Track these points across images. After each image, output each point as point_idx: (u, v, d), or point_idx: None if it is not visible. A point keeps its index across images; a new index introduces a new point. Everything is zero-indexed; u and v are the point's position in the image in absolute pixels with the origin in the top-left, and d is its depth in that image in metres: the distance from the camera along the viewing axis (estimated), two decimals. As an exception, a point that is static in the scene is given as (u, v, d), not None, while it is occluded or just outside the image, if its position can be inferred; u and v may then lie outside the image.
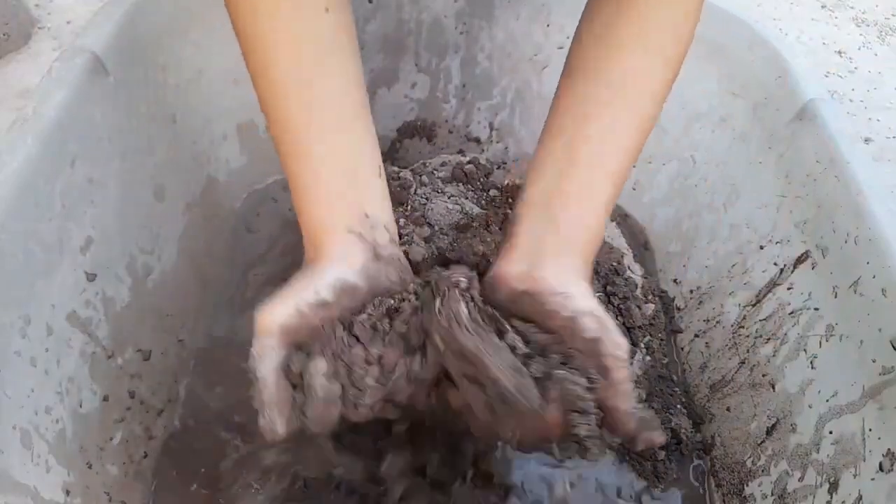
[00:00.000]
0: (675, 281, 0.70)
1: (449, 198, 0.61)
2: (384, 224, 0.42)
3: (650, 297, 0.60)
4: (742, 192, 0.63)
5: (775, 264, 0.57)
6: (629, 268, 0.60)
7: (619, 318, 0.57)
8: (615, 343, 0.38)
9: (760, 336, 0.57)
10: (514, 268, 0.41)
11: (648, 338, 0.58)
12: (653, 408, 0.60)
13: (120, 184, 0.52)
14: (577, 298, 0.39)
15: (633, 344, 0.57)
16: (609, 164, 0.42)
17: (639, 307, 0.58)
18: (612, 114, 0.43)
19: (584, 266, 0.41)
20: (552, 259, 0.40)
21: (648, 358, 0.58)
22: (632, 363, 0.56)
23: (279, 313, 0.38)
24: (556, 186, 0.42)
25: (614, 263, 0.59)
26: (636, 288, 0.59)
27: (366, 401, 0.40)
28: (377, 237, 0.41)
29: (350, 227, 0.41)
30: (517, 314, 0.41)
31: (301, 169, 0.41)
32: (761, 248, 0.59)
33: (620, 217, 0.76)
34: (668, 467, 0.58)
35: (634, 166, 0.46)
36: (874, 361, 0.45)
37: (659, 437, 0.41)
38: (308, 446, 0.45)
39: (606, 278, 0.58)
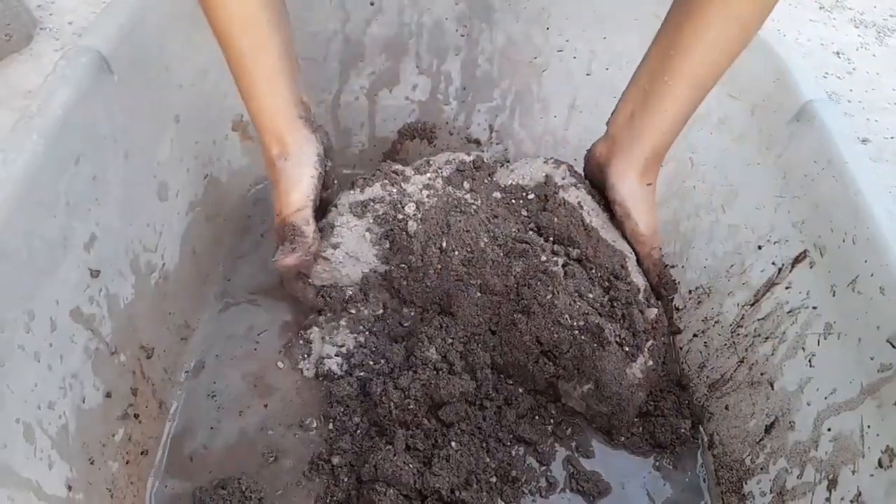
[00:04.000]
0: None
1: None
2: (309, 105, 0.60)
3: (652, 300, 0.60)
4: (740, 192, 0.64)
5: (773, 264, 0.58)
6: (632, 271, 0.60)
7: (622, 322, 0.57)
8: (630, 224, 0.61)
9: (759, 335, 0.57)
10: (599, 148, 0.62)
11: (652, 342, 0.58)
12: (654, 407, 0.60)
13: (123, 182, 0.52)
14: (619, 189, 0.60)
15: (637, 349, 0.57)
16: (693, 77, 0.54)
17: (641, 311, 0.58)
18: (711, 27, 0.51)
19: (645, 165, 0.59)
20: (622, 156, 0.59)
21: (651, 362, 0.58)
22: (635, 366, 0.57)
23: (306, 190, 0.57)
24: (643, 97, 0.57)
25: (617, 267, 0.59)
26: (639, 292, 0.59)
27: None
28: (311, 114, 0.60)
29: (299, 115, 0.58)
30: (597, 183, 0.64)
31: (256, 83, 0.54)
32: (759, 247, 0.60)
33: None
34: (666, 466, 0.58)
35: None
36: (872, 359, 0.45)
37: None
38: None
39: (609, 282, 0.58)
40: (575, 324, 0.55)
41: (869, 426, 0.44)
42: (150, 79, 0.57)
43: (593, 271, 0.59)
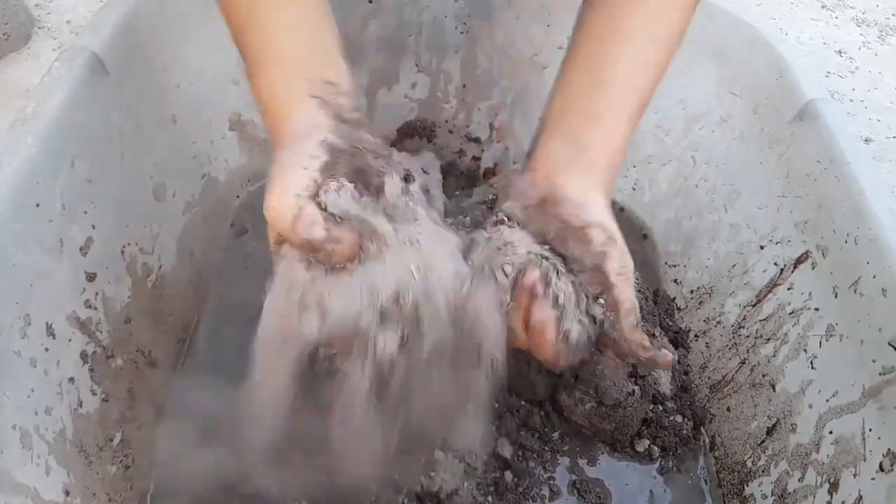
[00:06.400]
0: (675, 281, 0.70)
1: None
2: (346, 92, 0.41)
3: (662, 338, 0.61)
4: (742, 192, 0.63)
5: (775, 264, 0.57)
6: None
7: (636, 382, 0.57)
8: (621, 259, 0.39)
9: (760, 336, 0.57)
10: (534, 177, 0.43)
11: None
12: (655, 409, 0.60)
13: (120, 184, 0.52)
14: (592, 209, 0.40)
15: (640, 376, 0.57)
16: (635, 82, 0.44)
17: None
18: (637, 34, 0.43)
19: (605, 183, 0.43)
20: (574, 173, 0.42)
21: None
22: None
23: (292, 185, 0.36)
24: (578, 108, 0.44)
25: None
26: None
27: None
28: (341, 102, 0.40)
29: (311, 93, 0.39)
30: (531, 228, 0.42)
31: (255, 39, 0.40)
32: (762, 248, 0.59)
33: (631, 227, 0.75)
34: (668, 468, 0.58)
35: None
36: (874, 361, 0.45)
37: (666, 357, 0.41)
38: None
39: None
40: None
41: (870, 429, 0.44)
42: (147, 79, 0.57)
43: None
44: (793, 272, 0.55)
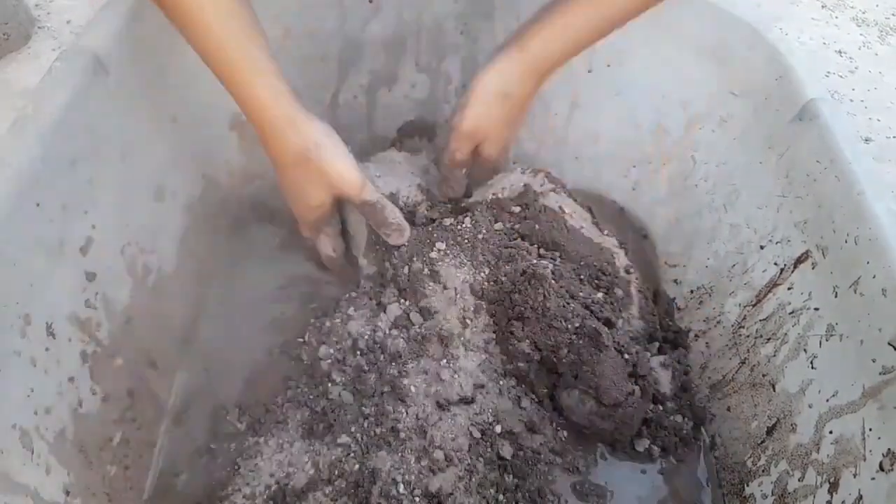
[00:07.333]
0: (675, 281, 0.70)
1: None
2: None
3: (656, 336, 0.62)
4: (742, 192, 0.63)
5: (775, 264, 0.57)
6: (620, 267, 0.60)
7: (617, 317, 0.58)
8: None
9: (761, 336, 0.57)
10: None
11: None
12: (655, 409, 0.60)
13: (120, 184, 0.52)
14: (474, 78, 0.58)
15: (635, 353, 0.57)
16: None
17: (632, 303, 0.59)
18: None
19: (517, 58, 0.57)
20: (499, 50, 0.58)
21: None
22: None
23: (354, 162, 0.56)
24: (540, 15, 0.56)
25: (604, 264, 0.60)
26: (629, 284, 0.60)
27: None
28: None
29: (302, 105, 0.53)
30: None
31: (236, 49, 0.50)
32: (762, 247, 0.59)
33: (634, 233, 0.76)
34: (668, 468, 0.58)
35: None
36: (874, 361, 0.45)
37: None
38: None
39: (598, 279, 0.59)
40: (570, 326, 0.55)
41: (870, 429, 0.44)
42: (147, 79, 0.57)
43: (582, 272, 0.60)
44: (793, 272, 0.55)
